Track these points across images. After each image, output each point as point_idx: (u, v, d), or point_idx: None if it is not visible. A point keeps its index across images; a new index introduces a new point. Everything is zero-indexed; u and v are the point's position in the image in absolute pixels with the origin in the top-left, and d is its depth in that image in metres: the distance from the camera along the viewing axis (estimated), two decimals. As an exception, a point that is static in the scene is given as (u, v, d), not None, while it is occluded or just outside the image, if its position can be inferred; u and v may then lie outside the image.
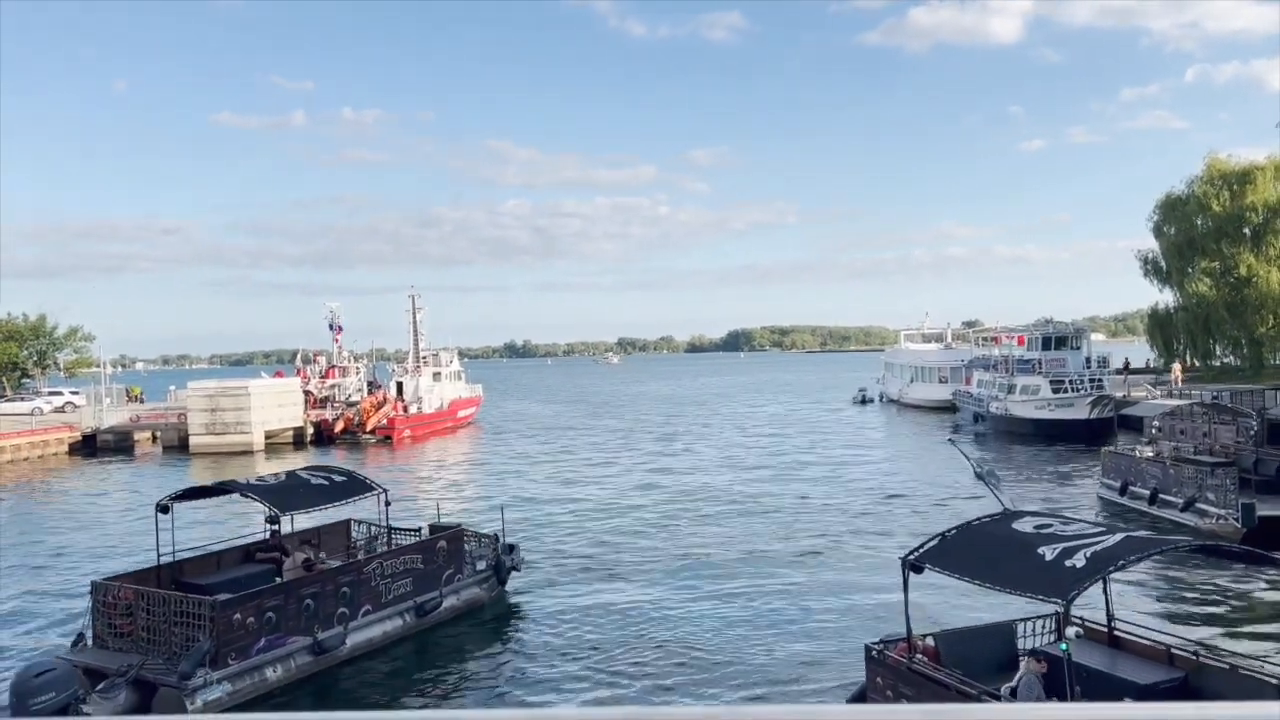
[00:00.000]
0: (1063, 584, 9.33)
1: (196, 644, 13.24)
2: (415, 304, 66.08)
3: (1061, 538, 10.09)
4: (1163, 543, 11.03)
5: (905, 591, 11.20)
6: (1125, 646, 11.66)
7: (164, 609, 13.80)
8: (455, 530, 18.84)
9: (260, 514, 18.10)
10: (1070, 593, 9.22)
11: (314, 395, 59.43)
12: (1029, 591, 9.82)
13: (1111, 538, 9.98)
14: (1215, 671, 10.59)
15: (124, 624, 13.97)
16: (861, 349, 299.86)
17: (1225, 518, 22.31)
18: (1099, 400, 44.02)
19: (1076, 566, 9.45)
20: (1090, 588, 9.87)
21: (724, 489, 33.78)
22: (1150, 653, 11.38)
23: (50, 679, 12.08)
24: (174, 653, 13.40)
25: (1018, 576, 9.99)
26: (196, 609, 13.61)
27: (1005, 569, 10.22)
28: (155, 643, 13.67)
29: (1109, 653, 11.51)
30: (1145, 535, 11.11)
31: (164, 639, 13.62)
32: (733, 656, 15.70)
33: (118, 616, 14.06)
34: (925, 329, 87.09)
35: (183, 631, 13.53)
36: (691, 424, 64.11)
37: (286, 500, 16.19)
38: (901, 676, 11.05)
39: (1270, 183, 58.18)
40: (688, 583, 20.40)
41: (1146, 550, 10.13)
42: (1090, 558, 9.52)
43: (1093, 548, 9.68)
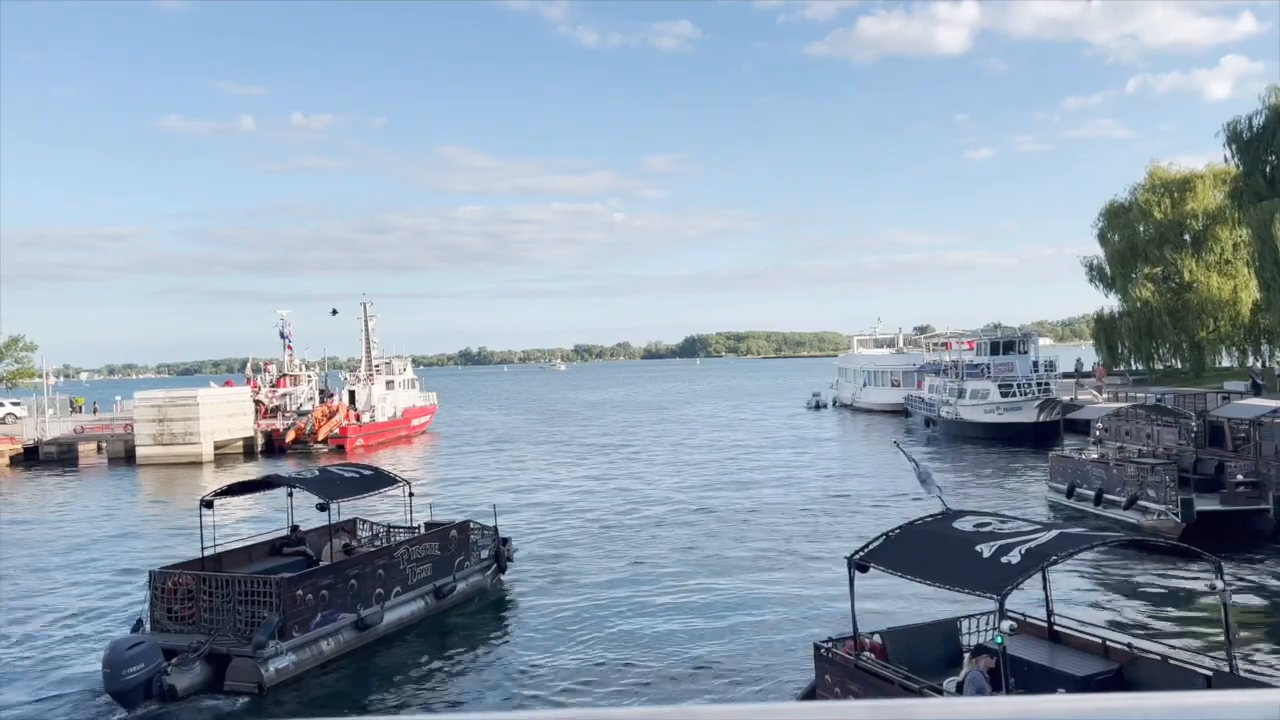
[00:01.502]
0: (998, 580, 9.60)
1: (265, 619, 14.51)
2: (368, 311, 65.48)
3: (999, 535, 10.36)
4: (1094, 538, 11.38)
5: (851, 590, 11.36)
6: (1064, 640, 11.99)
7: (228, 590, 15.08)
8: (464, 522, 20.37)
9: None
10: (1005, 588, 9.48)
11: (265, 405, 58.55)
12: (967, 588, 10.11)
13: (1046, 534, 10.28)
14: (1147, 663, 10.93)
15: (183, 609, 15.19)
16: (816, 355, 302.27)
17: (1165, 514, 22.86)
18: (1046, 404, 44.82)
19: (1012, 563, 9.72)
20: (1026, 583, 10.14)
21: (679, 494, 33.91)
22: (1087, 646, 11.70)
23: (139, 652, 13.46)
24: (238, 629, 14.70)
25: (956, 573, 10.26)
26: (264, 588, 14.99)
27: (945, 566, 10.49)
28: (218, 622, 14.91)
29: (1048, 646, 11.83)
30: (1078, 532, 11.44)
31: (228, 618, 14.89)
32: (683, 656, 15.88)
33: (176, 602, 15.27)
34: (878, 334, 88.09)
35: (247, 610, 14.83)
36: (648, 430, 64.22)
37: (332, 491, 17.77)
38: (849, 674, 11.23)
39: (1209, 190, 59.75)
40: (640, 586, 20.59)
41: (1078, 545, 10.44)
42: (1025, 554, 9.79)
43: (1028, 544, 9.96)
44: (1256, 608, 17.69)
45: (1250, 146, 47.66)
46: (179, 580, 15.51)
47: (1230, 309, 58.98)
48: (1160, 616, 17.30)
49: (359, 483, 18.61)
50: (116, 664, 13.24)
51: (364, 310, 65.64)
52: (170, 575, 15.69)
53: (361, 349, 64.84)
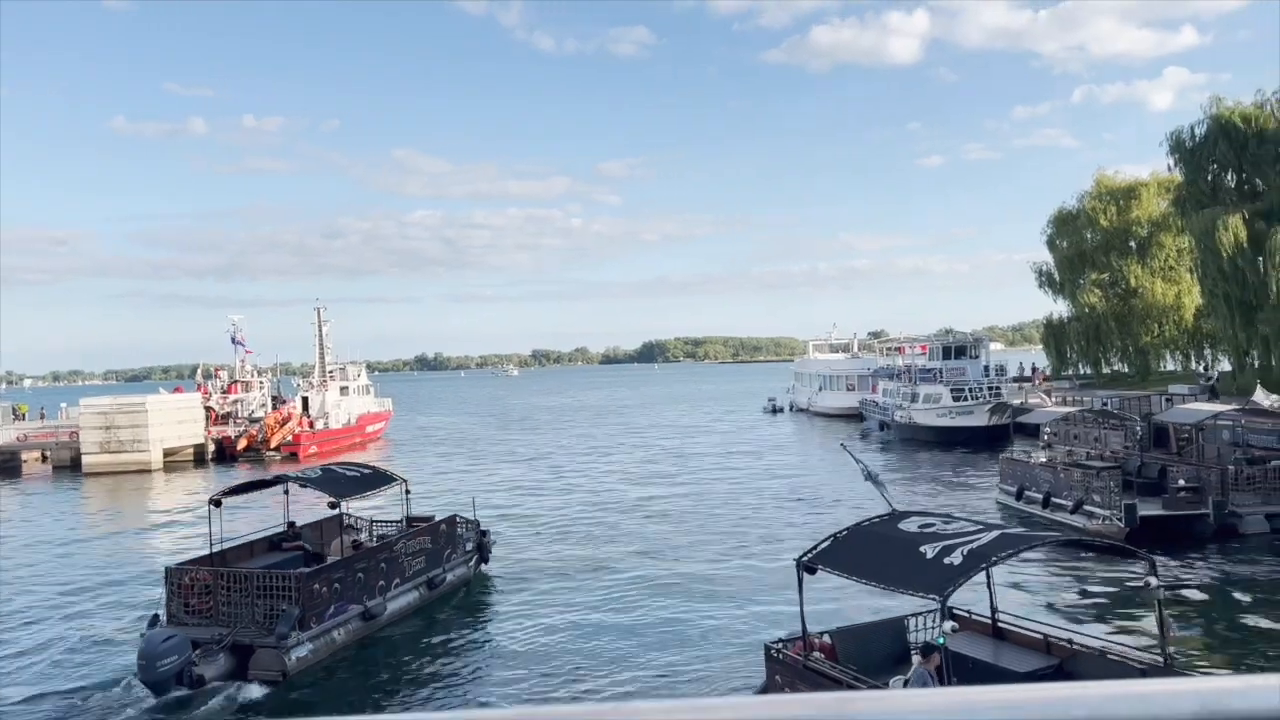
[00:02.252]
0: (941, 581, 9.79)
1: (285, 611, 15.19)
2: (321, 316, 64.79)
3: (942, 536, 10.57)
4: (1033, 538, 11.65)
5: (800, 591, 11.53)
6: (1007, 637, 12.29)
7: (246, 585, 15.68)
8: (451, 516, 21.18)
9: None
10: (947, 589, 9.69)
11: (216, 411, 57.63)
12: (910, 588, 10.32)
13: (987, 535, 10.50)
14: (1087, 657, 11.26)
15: (200, 603, 15.75)
16: (772, 359, 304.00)
17: (1110, 519, 23.32)
18: (997, 407, 45.49)
19: (954, 564, 9.91)
20: (968, 582, 10.32)
21: (636, 497, 34.00)
22: (1029, 642, 12.00)
23: (172, 644, 14.25)
24: (258, 621, 15.34)
25: (901, 574, 10.46)
26: (283, 582, 15.73)
27: (890, 567, 10.67)
28: (236, 615, 15.48)
29: (993, 644, 12.13)
30: (1018, 532, 11.70)
31: (247, 611, 15.47)
32: (636, 657, 16.06)
33: (194, 596, 15.82)
34: (833, 339, 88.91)
35: (265, 603, 15.47)
36: (606, 435, 64.18)
37: (341, 489, 18.74)
38: (798, 674, 11.38)
39: (1154, 198, 61.09)
40: (596, 589, 20.76)
41: (1018, 546, 10.69)
42: (967, 555, 9.99)
43: (969, 545, 10.16)
44: (1193, 606, 18.13)
45: (1193, 155, 48.72)
46: (196, 576, 16.10)
47: (1174, 314, 60.33)
48: (1100, 613, 17.75)
49: (362, 481, 19.67)
50: (151, 656, 14.06)
51: (318, 315, 64.94)
52: (187, 571, 16.31)
53: (315, 354, 64.07)
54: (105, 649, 17.44)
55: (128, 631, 17.95)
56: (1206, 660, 14.77)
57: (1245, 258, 43.75)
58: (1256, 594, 18.70)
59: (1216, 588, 19.31)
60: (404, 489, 20.58)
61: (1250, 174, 46.94)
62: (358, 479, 19.64)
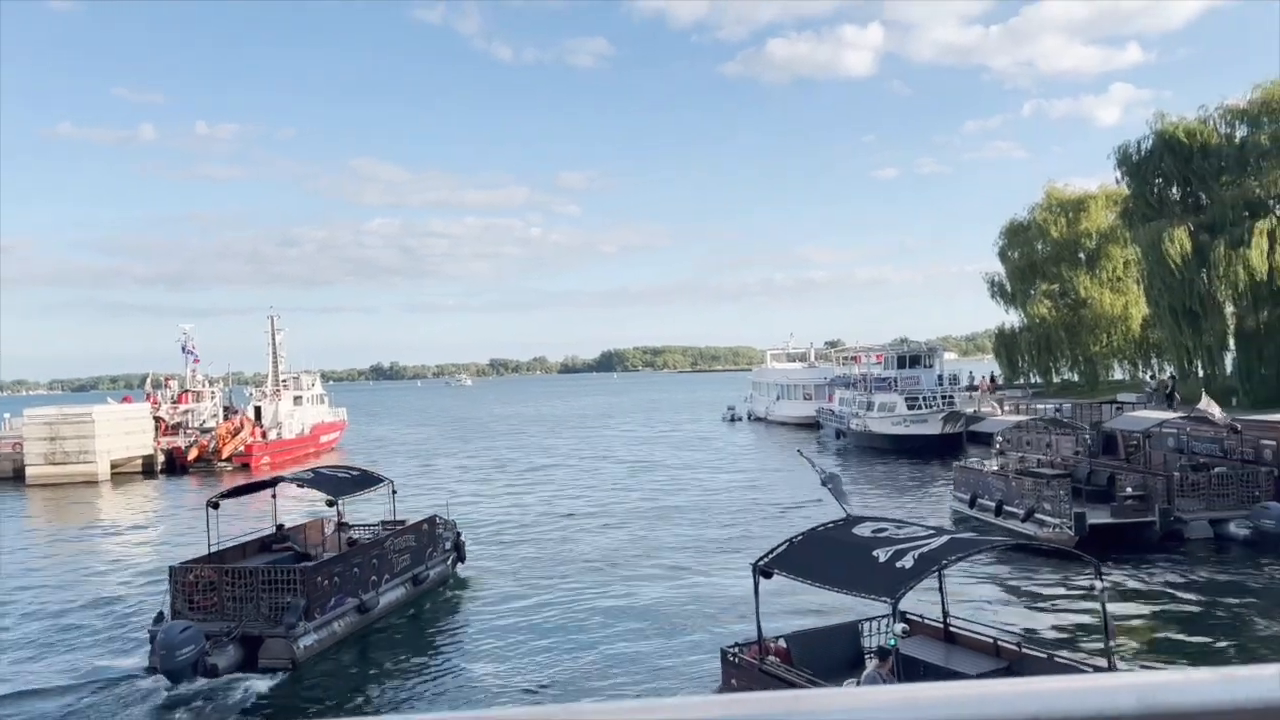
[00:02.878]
0: (892, 584, 9.97)
1: (292, 603, 16.03)
2: (275, 325, 63.90)
3: (894, 540, 10.75)
4: (982, 542, 11.89)
5: (756, 596, 11.68)
6: (958, 641, 12.51)
7: (252, 580, 16.49)
8: (432, 517, 22.12)
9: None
10: (898, 592, 9.87)
11: (165, 422, 56.58)
12: (862, 591, 10.49)
13: (938, 539, 10.72)
14: (1035, 660, 11.50)
15: (204, 599, 16.48)
16: (730, 369, 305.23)
17: (1060, 527, 23.68)
18: (950, 416, 46.08)
19: (905, 567, 10.11)
20: (925, 585, 10.61)
21: (597, 505, 34.01)
22: (979, 646, 12.21)
23: (189, 635, 15.02)
24: (264, 614, 16.13)
25: (854, 578, 10.63)
26: (288, 575, 16.59)
27: (843, 571, 10.85)
28: (242, 610, 16.25)
29: (944, 647, 12.34)
30: (968, 537, 11.93)
31: (253, 605, 16.26)
32: (597, 660, 16.23)
33: (197, 593, 16.56)
34: (790, 349, 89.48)
35: (270, 596, 16.28)
36: (565, 444, 63.97)
37: (336, 488, 19.84)
38: (753, 677, 11.52)
39: (1102, 211, 62.27)
40: (555, 595, 20.88)
41: (967, 550, 10.98)
42: (918, 559, 10.20)
43: (921, 549, 10.37)
44: (1138, 613, 18.46)
45: (1139, 169, 49.70)
46: (200, 573, 16.88)
47: (1122, 324, 61.50)
48: (1049, 616, 18.07)
49: (353, 481, 20.79)
50: (170, 647, 14.80)
51: (271, 324, 64.05)
52: (191, 569, 17.08)
53: (268, 364, 63.19)
54: (97, 649, 18.07)
55: (106, 632, 18.93)
56: (1150, 662, 15.04)
57: (1190, 269, 44.71)
58: (1199, 598, 19.08)
59: (1161, 592, 19.67)
60: (390, 489, 21.73)
61: (1195, 187, 48.01)
62: (349, 479, 20.77)
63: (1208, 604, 18.65)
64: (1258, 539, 23.17)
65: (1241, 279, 42.54)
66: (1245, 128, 46.74)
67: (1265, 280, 42.63)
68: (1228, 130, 47.38)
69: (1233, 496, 24.40)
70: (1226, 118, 47.37)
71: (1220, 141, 47.01)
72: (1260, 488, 24.38)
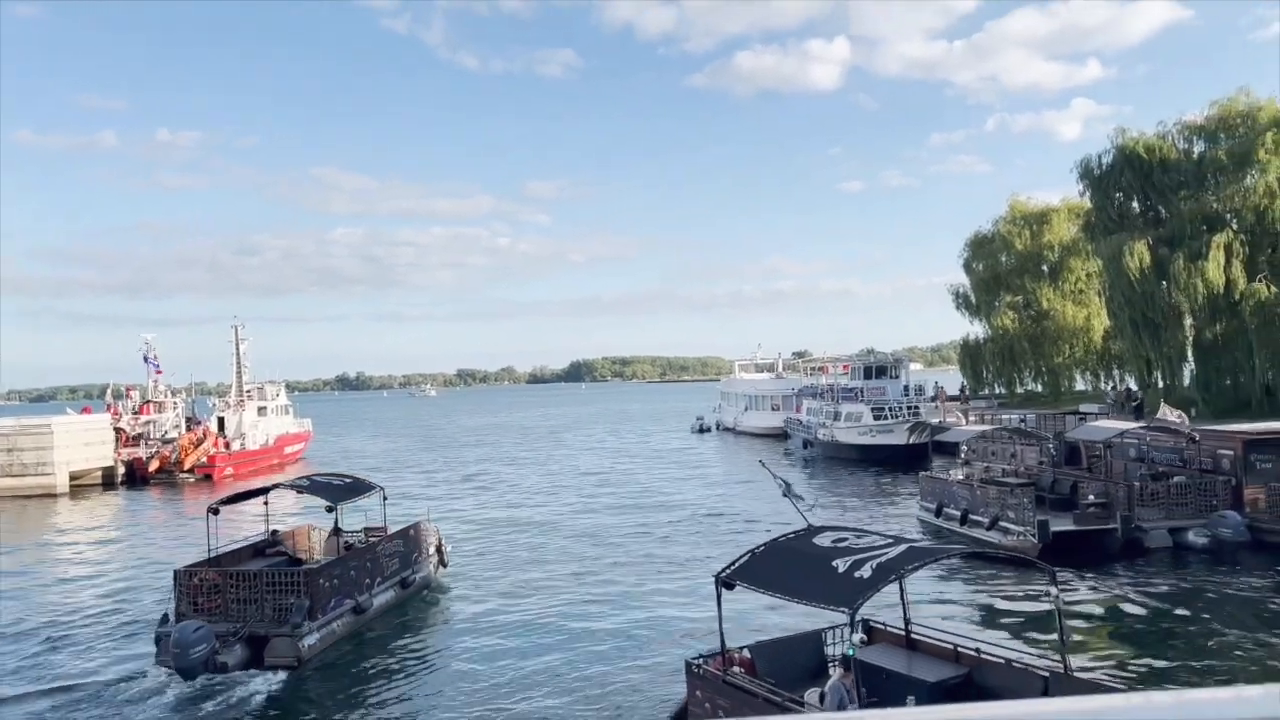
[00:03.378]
0: (851, 594, 10.04)
1: (297, 604, 16.78)
2: (239, 335, 63.20)
3: (854, 550, 10.83)
4: (939, 551, 12.08)
5: (719, 607, 11.69)
6: (919, 648, 12.63)
7: (256, 582, 17.19)
8: (418, 523, 22.97)
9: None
10: (856, 601, 9.94)
11: (126, 433, 55.70)
12: (822, 602, 10.54)
13: (896, 549, 10.82)
14: (993, 666, 11.59)
15: (207, 601, 17.09)
16: (699, 379, 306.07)
17: (1024, 535, 23.93)
18: (916, 426, 46.45)
19: (864, 577, 10.17)
20: (885, 595, 10.66)
21: (566, 516, 33.94)
22: (940, 653, 12.31)
23: (202, 634, 15.70)
24: (267, 615, 16.84)
25: (814, 588, 10.67)
26: (292, 578, 17.35)
27: (804, 581, 10.89)
28: (245, 611, 16.93)
29: (905, 654, 12.47)
30: (926, 545, 12.11)
31: (257, 607, 16.96)
32: (565, 670, 16.31)
33: (201, 596, 17.15)
34: (758, 359, 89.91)
35: (274, 598, 16.98)
36: (533, 455, 63.72)
37: (334, 494, 20.67)
38: (717, 689, 11.50)
39: (1065, 223, 63.22)
40: (522, 606, 20.91)
41: (924, 559, 11.04)
42: (876, 568, 10.28)
43: (879, 558, 10.45)
44: (1097, 617, 18.69)
45: (1101, 183, 50.54)
46: (204, 577, 17.48)
47: (1084, 335, 62.42)
48: (1008, 622, 18.30)
49: (347, 488, 21.51)
50: (185, 645, 15.44)
51: (235, 333, 63.33)
52: (195, 573, 17.62)
53: (232, 374, 62.44)
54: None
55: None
56: (1106, 669, 15.22)
57: (1150, 281, 45.51)
58: (1156, 606, 19.34)
59: (1119, 600, 19.92)
60: (382, 496, 22.23)
61: (1154, 201, 48.88)
62: (344, 486, 21.53)
63: (1164, 612, 18.90)
64: (1215, 547, 23.55)
65: (1200, 291, 43.35)
66: (1203, 143, 47.73)
67: (1222, 293, 43.47)
68: (1186, 146, 48.36)
69: (1191, 505, 24.78)
70: (1185, 133, 48.37)
71: (1179, 157, 47.94)
72: (1218, 497, 24.77)
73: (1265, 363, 43.27)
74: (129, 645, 18.78)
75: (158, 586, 23.13)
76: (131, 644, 18.80)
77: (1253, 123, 44.81)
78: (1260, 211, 43.77)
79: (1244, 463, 25.19)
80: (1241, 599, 19.60)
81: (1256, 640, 16.77)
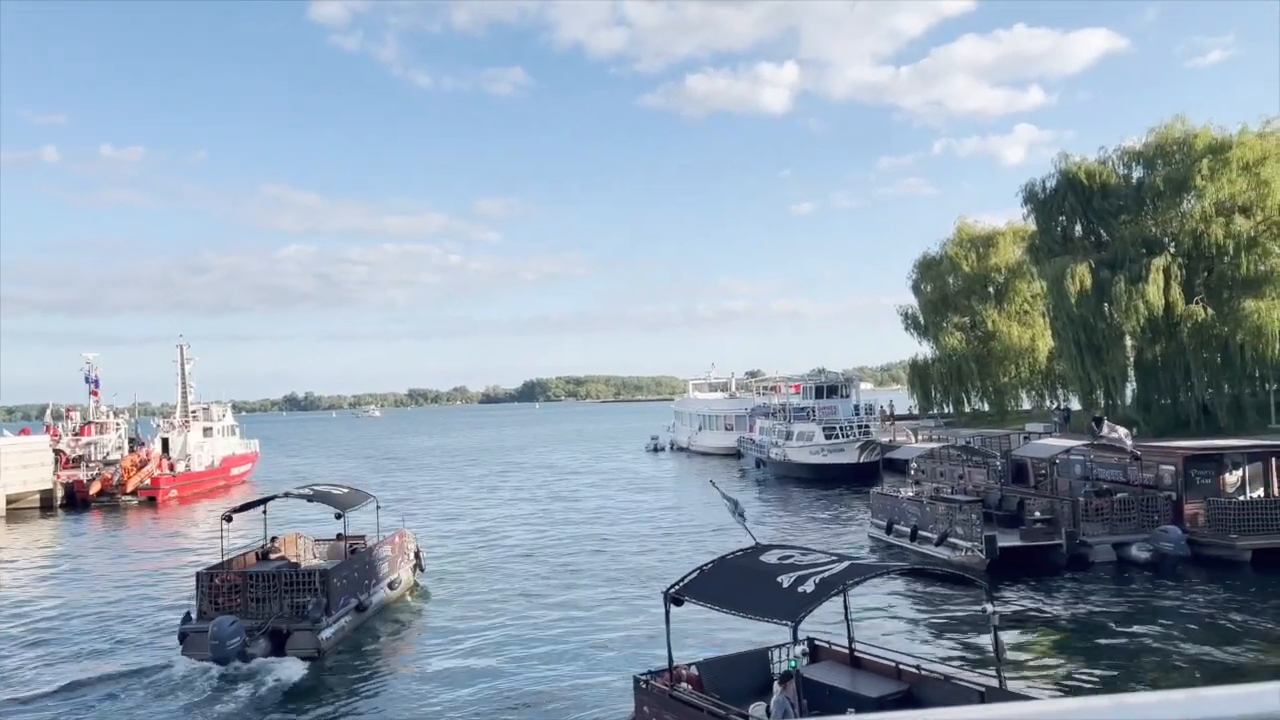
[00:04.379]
0: (794, 608, 10.31)
1: (315, 600, 18.74)
2: (184, 354, 61.96)
3: (798, 567, 11.16)
4: (879, 568, 12.48)
5: (667, 623, 11.97)
6: (863, 665, 12.95)
7: (275, 582, 19.18)
8: (401, 531, 25.08)
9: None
10: (798, 615, 10.21)
11: (66, 455, 54.34)
12: (766, 616, 10.78)
13: (838, 565, 11.16)
14: (932, 683, 11.99)
15: (228, 600, 19.04)
16: (654, 398, 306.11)
17: (972, 550, 24.27)
18: (867, 445, 46.91)
19: (807, 592, 10.49)
20: (830, 612, 10.98)
21: (520, 536, 33.74)
22: (882, 669, 12.66)
23: (235, 629, 17.69)
24: (286, 612, 18.80)
25: (759, 603, 10.94)
26: (309, 578, 19.39)
27: (750, 597, 11.17)
28: (262, 609, 18.82)
29: (849, 671, 12.78)
30: (867, 562, 12.47)
31: (276, 604, 18.87)
32: (514, 689, 16.41)
33: (222, 595, 19.10)
34: (711, 379, 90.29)
35: (291, 596, 18.96)
36: (488, 477, 63.22)
37: (339, 501, 22.42)
38: (664, 704, 11.72)
39: (1010, 246, 64.54)
40: (475, 626, 21.02)
41: (865, 575, 11.41)
42: (819, 583, 10.60)
43: (822, 574, 10.77)
44: (1041, 631, 19.02)
45: (1045, 206, 51.75)
46: (225, 578, 19.48)
47: (1029, 356, 63.62)
48: (953, 637, 18.65)
49: (344, 498, 23.00)
50: (221, 638, 17.50)
51: (180, 353, 62.07)
52: (216, 574, 19.57)
53: (177, 394, 61.23)
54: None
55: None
56: (1047, 680, 15.48)
57: (1091, 303, 46.58)
58: (1099, 620, 19.69)
59: (1063, 614, 20.26)
60: (375, 505, 23.93)
61: (1096, 224, 50.13)
62: (343, 496, 23.09)
63: (1105, 626, 19.25)
64: (1158, 561, 24.08)
65: (1140, 313, 44.49)
66: (1142, 169, 49.12)
67: (1162, 315, 44.67)
68: (1126, 171, 49.75)
69: (1134, 520, 25.33)
70: (1125, 159, 49.76)
71: (1119, 182, 49.30)
72: (1159, 512, 25.36)
73: (1203, 382, 44.49)
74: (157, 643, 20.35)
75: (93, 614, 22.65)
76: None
77: (1189, 149, 46.20)
78: (1197, 235, 45.11)
79: (1184, 478, 25.84)
80: (1180, 612, 20.05)
81: (1198, 651, 17.15)
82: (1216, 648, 17.29)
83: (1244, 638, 18.03)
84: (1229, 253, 44.38)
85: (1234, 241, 44.10)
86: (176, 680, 17.55)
